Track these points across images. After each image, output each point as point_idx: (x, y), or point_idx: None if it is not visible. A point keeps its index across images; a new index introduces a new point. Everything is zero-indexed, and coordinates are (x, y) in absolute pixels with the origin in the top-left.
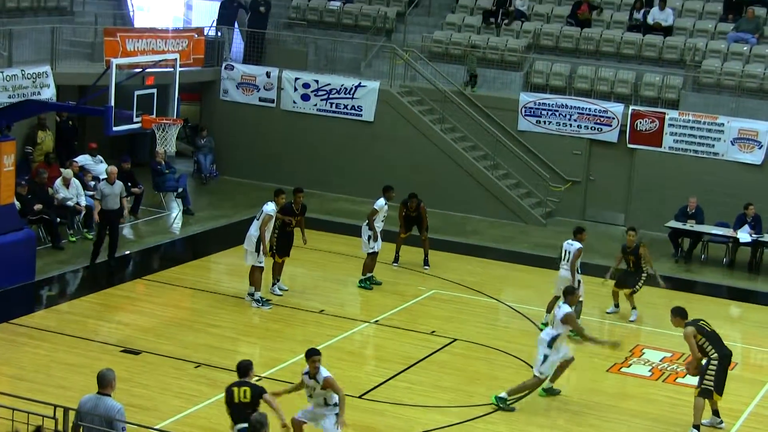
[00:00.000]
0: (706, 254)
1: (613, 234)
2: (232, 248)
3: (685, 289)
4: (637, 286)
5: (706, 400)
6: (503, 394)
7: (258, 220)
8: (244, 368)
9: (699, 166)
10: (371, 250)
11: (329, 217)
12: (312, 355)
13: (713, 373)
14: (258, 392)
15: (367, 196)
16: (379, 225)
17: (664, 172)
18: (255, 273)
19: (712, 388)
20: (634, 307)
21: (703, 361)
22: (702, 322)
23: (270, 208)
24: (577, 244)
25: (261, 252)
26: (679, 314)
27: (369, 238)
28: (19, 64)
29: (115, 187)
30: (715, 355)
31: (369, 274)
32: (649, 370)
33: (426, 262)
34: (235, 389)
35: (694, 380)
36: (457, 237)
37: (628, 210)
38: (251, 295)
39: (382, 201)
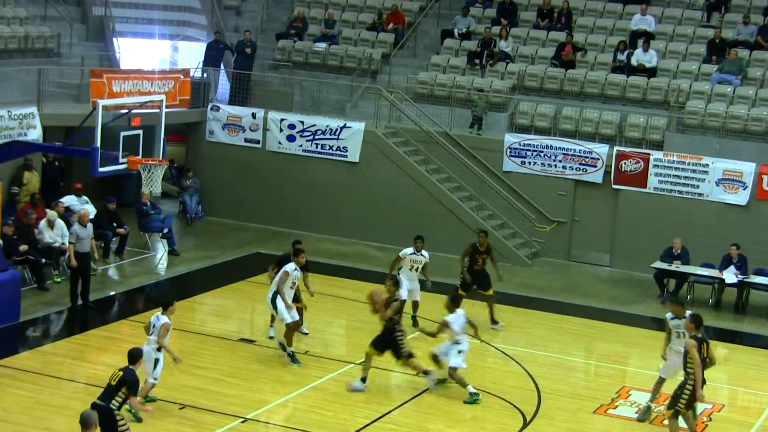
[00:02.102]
0: (692, 295)
1: (599, 274)
2: (217, 289)
3: None
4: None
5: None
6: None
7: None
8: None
9: (684, 206)
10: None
11: (314, 258)
12: None
13: (688, 394)
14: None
15: (353, 237)
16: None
17: (649, 213)
18: (286, 329)
19: (683, 408)
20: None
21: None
22: (704, 343)
23: (290, 267)
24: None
25: (286, 309)
26: (694, 321)
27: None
28: (6, 105)
29: (88, 229)
30: (693, 380)
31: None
32: (636, 412)
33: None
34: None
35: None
36: (442, 278)
37: (614, 250)
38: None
39: (410, 249)
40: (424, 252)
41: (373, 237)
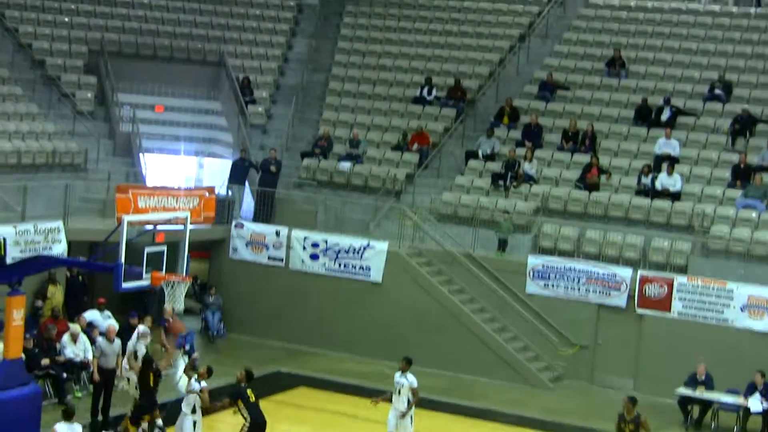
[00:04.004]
0: (716, 422)
1: (622, 399)
2: None
3: None
4: None
5: None
6: None
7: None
8: None
9: (708, 332)
10: None
11: (335, 378)
12: None
13: None
14: None
15: (374, 357)
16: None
17: (673, 338)
18: None
19: None
20: None
21: None
22: None
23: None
24: None
25: None
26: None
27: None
28: (32, 219)
29: (114, 345)
30: None
31: None
32: None
33: None
34: None
35: None
36: (464, 400)
37: (637, 375)
38: None
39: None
40: (409, 375)
41: (395, 357)
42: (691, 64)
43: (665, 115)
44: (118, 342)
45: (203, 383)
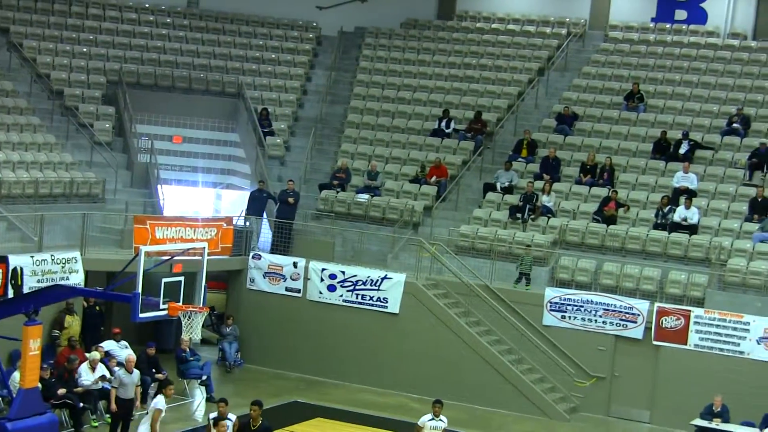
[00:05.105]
0: None
1: (639, 431)
2: None
3: None
4: None
5: None
6: None
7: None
8: None
9: (725, 364)
10: None
11: (354, 409)
12: None
13: None
14: None
15: (392, 388)
16: None
17: (689, 370)
18: None
19: None
20: None
21: None
22: None
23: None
24: None
25: None
26: None
27: None
28: (49, 249)
29: (134, 376)
30: None
31: None
32: None
33: None
34: None
35: None
36: (481, 431)
37: (654, 407)
38: None
39: (427, 416)
40: (443, 417)
41: (412, 388)
42: (709, 98)
43: (683, 149)
44: (137, 373)
45: (231, 415)
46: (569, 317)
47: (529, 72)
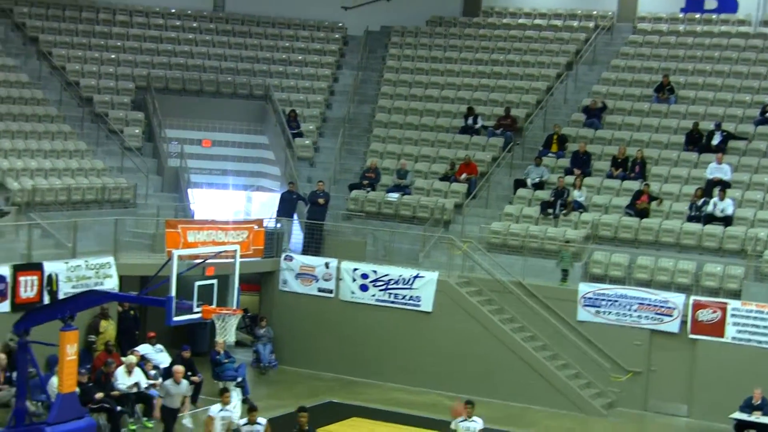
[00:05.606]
0: None
1: (676, 425)
2: None
3: None
4: None
5: None
6: None
7: None
8: None
9: (763, 356)
10: None
11: (389, 408)
12: None
13: None
14: None
15: (426, 387)
16: None
17: (727, 363)
18: None
19: None
20: None
21: None
22: None
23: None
24: None
25: None
26: None
27: None
28: (83, 255)
29: (181, 386)
30: None
31: None
32: None
33: None
34: None
35: None
36: (516, 428)
37: (691, 401)
38: None
39: (460, 418)
40: (475, 418)
41: (446, 386)
42: (742, 87)
43: (716, 140)
44: (184, 383)
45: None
46: (604, 312)
47: (558, 66)
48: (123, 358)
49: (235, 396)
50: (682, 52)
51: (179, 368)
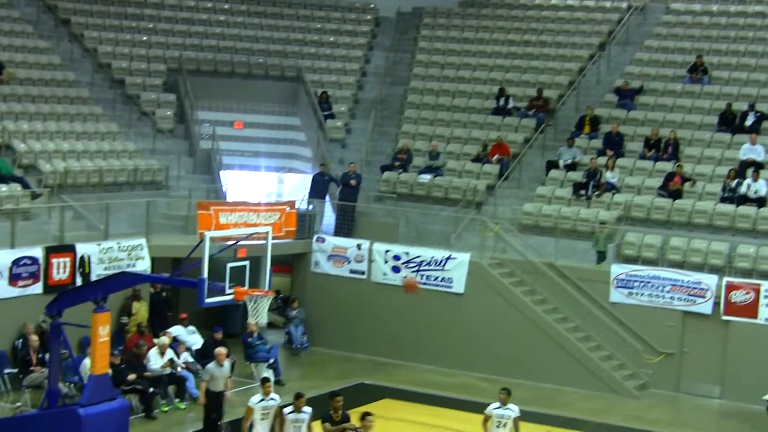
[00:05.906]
0: None
1: (709, 407)
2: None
3: None
4: None
5: None
6: None
7: None
8: None
9: None
10: None
11: (420, 389)
12: None
13: None
14: None
15: (458, 368)
16: None
17: (761, 344)
18: None
19: None
20: None
21: None
22: None
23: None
24: None
25: None
26: None
27: None
28: (115, 237)
29: (224, 368)
30: None
31: None
32: None
33: None
34: None
35: None
36: (548, 409)
37: (724, 382)
38: None
39: (495, 404)
40: (511, 406)
41: (478, 367)
42: None
43: (749, 121)
44: (227, 365)
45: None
46: (636, 294)
47: (590, 47)
48: (155, 340)
49: (265, 373)
50: (715, 32)
51: (222, 350)
